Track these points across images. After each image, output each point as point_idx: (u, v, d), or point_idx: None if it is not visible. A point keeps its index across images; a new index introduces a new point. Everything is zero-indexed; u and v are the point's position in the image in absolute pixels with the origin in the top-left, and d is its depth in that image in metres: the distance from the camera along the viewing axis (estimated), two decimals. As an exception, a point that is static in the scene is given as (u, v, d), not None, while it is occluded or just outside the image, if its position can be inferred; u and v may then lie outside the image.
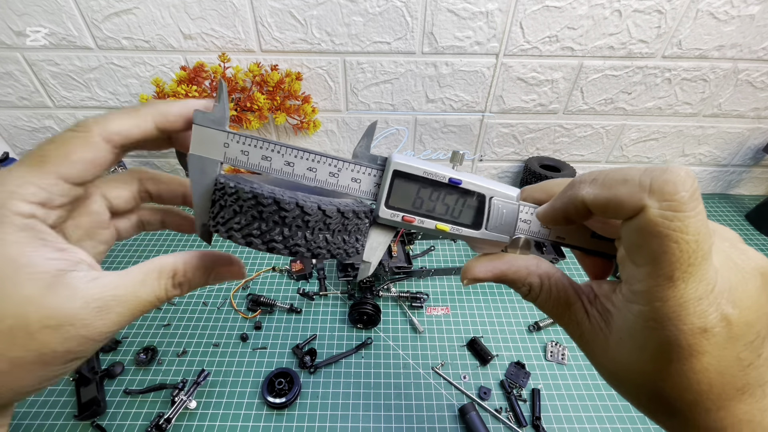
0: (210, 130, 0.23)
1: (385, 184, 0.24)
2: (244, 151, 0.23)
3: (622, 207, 0.18)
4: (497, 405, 0.56)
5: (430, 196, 0.25)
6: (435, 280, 0.74)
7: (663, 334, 0.17)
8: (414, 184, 0.24)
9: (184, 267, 0.22)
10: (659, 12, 0.68)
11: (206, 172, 0.23)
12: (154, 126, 0.22)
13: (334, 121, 0.84)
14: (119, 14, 0.69)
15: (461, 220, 0.25)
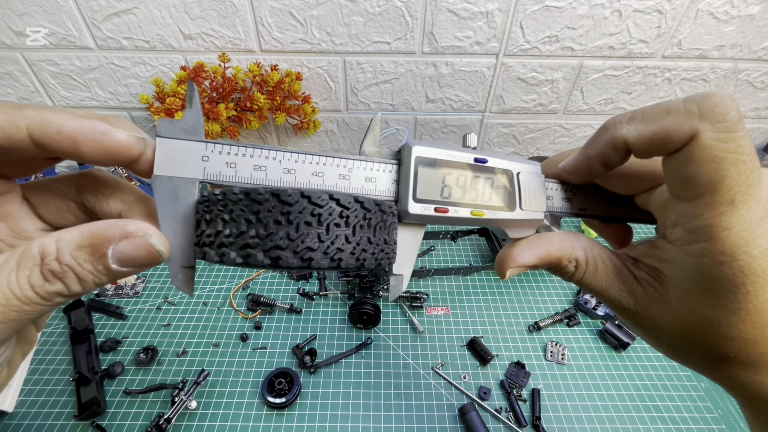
0: (182, 143, 0.18)
1: (408, 176, 0.21)
2: (230, 163, 0.18)
3: (670, 138, 0.17)
4: (497, 405, 0.56)
5: (457, 181, 0.22)
6: (435, 280, 0.74)
7: (735, 266, 0.17)
8: (438, 171, 0.22)
9: (56, 246, 0.15)
10: (659, 12, 0.68)
11: (180, 196, 0.18)
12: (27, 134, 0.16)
13: (334, 121, 0.84)
14: (119, 14, 0.69)
15: (493, 203, 0.23)
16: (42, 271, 0.15)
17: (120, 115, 0.83)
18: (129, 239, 0.16)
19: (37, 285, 0.15)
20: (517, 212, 0.23)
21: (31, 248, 0.15)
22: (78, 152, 0.16)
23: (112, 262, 0.16)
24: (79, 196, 0.20)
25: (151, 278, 0.73)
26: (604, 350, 0.64)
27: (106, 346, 0.61)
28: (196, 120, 0.18)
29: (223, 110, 0.68)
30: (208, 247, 0.17)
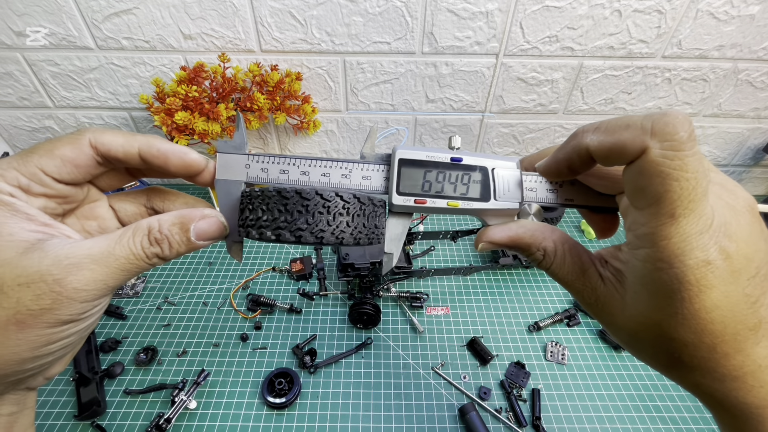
0: (232, 156, 0.26)
1: (393, 174, 0.26)
2: (263, 168, 0.26)
3: (625, 150, 0.18)
4: (497, 405, 0.56)
5: (436, 177, 0.26)
6: (435, 280, 0.74)
7: (671, 273, 0.18)
8: (420, 169, 0.26)
9: (158, 222, 0.22)
10: (659, 12, 0.68)
11: (231, 192, 0.26)
12: (138, 151, 0.24)
13: (334, 121, 0.84)
14: (119, 14, 0.69)
15: (470, 195, 0.26)
16: (149, 237, 0.22)
17: (120, 115, 0.83)
18: (205, 219, 0.23)
19: (146, 247, 0.21)
20: (491, 203, 0.26)
21: (141, 224, 0.22)
22: (167, 166, 0.24)
23: (192, 234, 0.23)
24: (149, 202, 0.28)
25: (151, 278, 0.73)
26: (604, 350, 0.64)
27: (106, 346, 0.61)
28: (241, 140, 0.26)
29: (223, 110, 0.68)
30: (252, 228, 0.24)
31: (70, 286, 0.19)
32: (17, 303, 0.18)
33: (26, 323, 0.18)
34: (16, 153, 0.22)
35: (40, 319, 0.18)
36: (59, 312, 0.19)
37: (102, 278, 0.20)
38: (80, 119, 0.83)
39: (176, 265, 0.76)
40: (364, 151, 0.27)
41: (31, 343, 0.19)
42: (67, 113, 0.82)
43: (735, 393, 0.19)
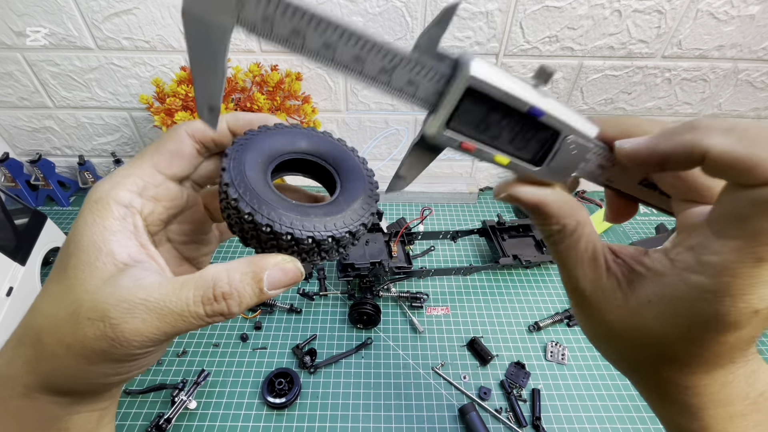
0: None
1: (450, 100, 0.19)
2: (266, 17, 0.16)
3: (755, 171, 0.15)
4: (497, 405, 0.56)
5: (499, 121, 0.20)
6: (435, 280, 0.74)
7: (713, 308, 0.17)
8: (484, 106, 0.19)
9: (227, 274, 0.19)
10: (659, 12, 0.68)
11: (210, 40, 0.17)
12: (227, 126, 0.24)
13: (334, 121, 0.84)
14: (119, 14, 0.69)
15: (522, 154, 0.21)
16: (214, 293, 0.19)
17: (120, 116, 0.83)
18: (278, 267, 0.20)
19: (207, 304, 0.19)
20: (540, 169, 0.21)
21: (205, 275, 0.19)
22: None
23: (265, 285, 0.20)
24: None
25: (151, 278, 0.73)
26: (604, 350, 0.64)
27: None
28: None
29: (223, 110, 0.68)
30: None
31: (121, 335, 0.18)
32: (84, 337, 0.18)
33: (90, 359, 0.18)
34: (127, 162, 0.22)
35: (100, 356, 0.18)
36: (115, 354, 0.18)
37: (153, 331, 0.18)
38: (80, 119, 0.83)
39: (176, 265, 0.76)
40: (423, 40, 0.18)
41: (97, 372, 0.19)
42: (67, 113, 0.83)
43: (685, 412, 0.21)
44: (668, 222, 0.88)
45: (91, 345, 0.18)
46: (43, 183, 0.86)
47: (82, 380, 0.19)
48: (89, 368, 0.19)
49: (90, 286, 0.18)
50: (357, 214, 0.22)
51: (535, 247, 0.78)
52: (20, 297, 0.60)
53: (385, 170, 0.93)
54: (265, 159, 0.22)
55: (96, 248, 0.19)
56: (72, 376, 0.19)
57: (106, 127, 0.85)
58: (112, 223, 0.19)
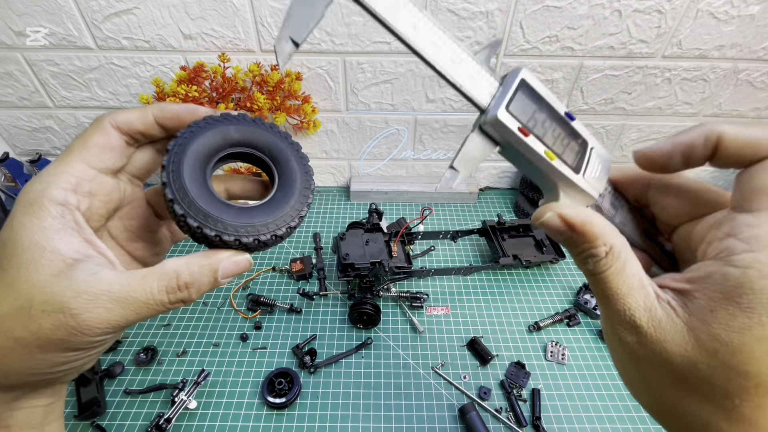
0: None
1: (510, 89, 0.22)
2: None
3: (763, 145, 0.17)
4: (497, 405, 0.56)
5: (544, 121, 0.23)
6: (435, 280, 0.74)
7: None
8: (533, 103, 0.22)
9: (187, 266, 0.21)
10: (659, 12, 0.68)
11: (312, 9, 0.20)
12: (153, 118, 0.24)
13: (334, 121, 0.84)
14: (119, 14, 0.69)
15: (565, 157, 0.23)
16: (178, 283, 0.21)
17: (120, 115, 0.83)
18: (230, 260, 0.22)
19: (171, 293, 0.21)
20: (580, 178, 0.23)
21: (167, 269, 0.21)
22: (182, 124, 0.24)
23: (220, 275, 0.22)
24: None
25: (151, 278, 0.73)
26: (604, 350, 0.64)
27: (106, 346, 0.61)
28: None
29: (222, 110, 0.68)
30: None
31: (84, 323, 0.19)
32: (39, 328, 0.19)
33: (45, 348, 0.19)
34: (56, 158, 0.22)
35: (57, 345, 0.19)
36: (74, 342, 0.19)
37: (117, 318, 0.20)
38: (80, 119, 0.83)
39: (176, 265, 0.76)
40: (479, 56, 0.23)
41: (51, 362, 0.20)
42: (67, 113, 0.82)
43: None
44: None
45: (47, 335, 0.19)
46: (43, 183, 0.86)
47: (27, 372, 0.20)
48: (41, 357, 0.19)
49: (38, 281, 0.19)
50: (295, 210, 0.24)
51: (535, 247, 0.78)
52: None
53: (385, 170, 0.93)
54: (202, 159, 0.23)
55: (39, 247, 0.19)
56: (18, 368, 0.19)
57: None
58: (51, 222, 0.20)
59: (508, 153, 0.23)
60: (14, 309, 0.19)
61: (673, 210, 0.23)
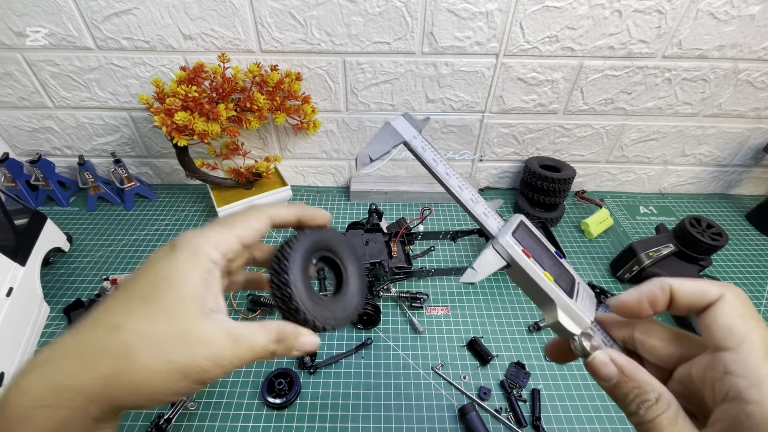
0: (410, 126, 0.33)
1: (512, 225, 0.29)
2: (423, 147, 0.33)
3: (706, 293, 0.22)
4: (497, 405, 0.56)
5: (540, 253, 0.28)
6: (435, 280, 0.74)
7: None
8: (531, 238, 0.29)
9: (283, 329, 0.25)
10: (659, 12, 0.68)
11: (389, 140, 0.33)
12: (296, 217, 0.30)
13: (334, 121, 0.84)
14: (119, 15, 0.69)
15: (559, 283, 0.27)
16: (279, 336, 0.25)
17: (120, 116, 0.83)
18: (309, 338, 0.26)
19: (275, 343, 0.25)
20: (573, 302, 0.27)
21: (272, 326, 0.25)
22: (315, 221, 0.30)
23: (297, 345, 0.26)
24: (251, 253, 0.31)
25: (151, 278, 0.73)
26: (604, 350, 0.64)
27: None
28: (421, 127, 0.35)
29: (223, 110, 0.68)
30: None
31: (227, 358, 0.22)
32: (192, 357, 0.21)
33: (188, 376, 0.21)
34: (216, 223, 0.26)
35: (198, 375, 0.22)
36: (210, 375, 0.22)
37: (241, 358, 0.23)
38: (80, 119, 0.83)
39: (176, 265, 0.76)
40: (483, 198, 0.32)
41: (185, 389, 0.22)
42: (67, 113, 0.83)
43: None
44: (668, 222, 0.88)
45: (198, 364, 0.21)
46: (43, 183, 0.86)
47: (156, 395, 0.21)
48: (181, 384, 0.21)
49: (194, 318, 0.22)
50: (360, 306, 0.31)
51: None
52: (20, 297, 0.60)
53: (385, 170, 0.93)
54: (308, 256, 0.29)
55: (193, 290, 0.23)
56: (154, 390, 0.21)
57: (105, 128, 0.85)
58: (204, 275, 0.23)
59: (513, 272, 0.28)
60: (172, 336, 0.21)
61: (659, 351, 0.25)
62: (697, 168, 0.94)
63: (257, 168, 0.81)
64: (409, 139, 0.33)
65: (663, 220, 0.90)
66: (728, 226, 0.89)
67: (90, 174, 0.85)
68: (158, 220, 0.86)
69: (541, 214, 0.85)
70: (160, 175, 0.95)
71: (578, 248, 0.82)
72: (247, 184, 0.85)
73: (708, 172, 0.95)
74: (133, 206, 0.89)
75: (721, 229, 0.69)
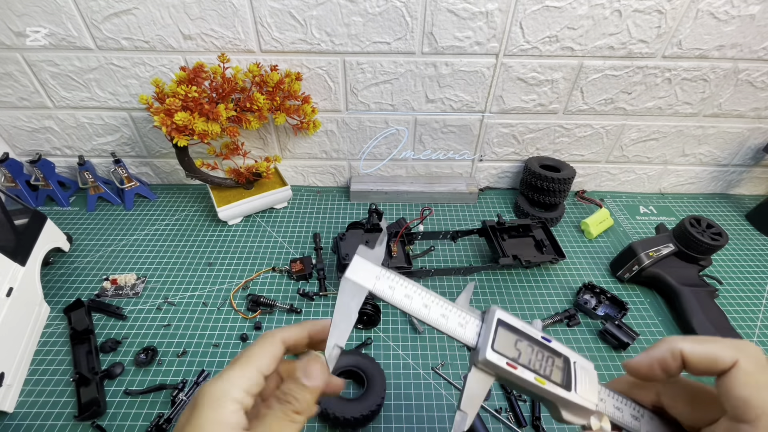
0: (367, 263, 0.28)
1: (490, 330, 0.27)
2: (391, 286, 0.28)
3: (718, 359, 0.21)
4: (497, 405, 0.56)
5: (526, 348, 0.27)
6: (435, 280, 0.74)
7: None
8: (513, 335, 0.27)
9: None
10: (659, 12, 0.68)
11: (355, 296, 0.28)
12: (308, 334, 0.31)
13: (333, 121, 0.84)
14: (119, 15, 0.69)
15: (554, 377, 0.26)
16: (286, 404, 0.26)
17: (120, 116, 0.83)
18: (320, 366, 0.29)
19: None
20: (572, 394, 0.26)
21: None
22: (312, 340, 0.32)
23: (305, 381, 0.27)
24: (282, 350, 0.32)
25: (151, 279, 0.73)
26: (604, 350, 0.64)
27: (106, 346, 0.61)
28: (380, 254, 0.29)
29: (223, 110, 0.68)
30: None
31: None
32: None
33: None
34: (235, 361, 0.27)
35: None
36: None
37: None
38: (80, 119, 0.83)
39: (176, 265, 0.76)
40: (459, 301, 0.29)
41: None
42: (67, 113, 0.83)
43: None
44: (668, 222, 0.88)
45: None
46: (43, 183, 0.86)
47: None
48: None
49: None
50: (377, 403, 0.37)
51: (535, 247, 0.78)
52: (20, 297, 0.60)
53: (385, 170, 0.93)
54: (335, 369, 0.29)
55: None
56: None
57: (105, 128, 0.85)
58: (228, 416, 0.24)
59: (505, 381, 0.26)
60: None
61: (688, 416, 0.25)
62: (697, 168, 0.94)
63: (257, 168, 0.81)
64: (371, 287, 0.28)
65: (663, 220, 0.90)
66: (728, 226, 0.89)
67: (90, 174, 0.85)
68: (158, 220, 0.86)
69: (541, 214, 0.86)
70: (160, 175, 0.95)
71: (578, 248, 0.82)
72: (247, 184, 0.85)
73: (708, 172, 0.95)
74: (133, 206, 0.89)
75: (721, 229, 0.69)
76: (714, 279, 0.74)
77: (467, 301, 0.29)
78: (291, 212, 0.89)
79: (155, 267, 0.75)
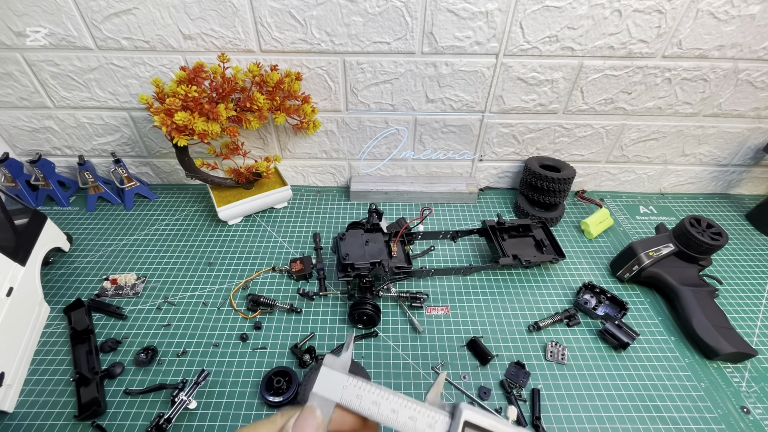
0: (334, 373, 0.28)
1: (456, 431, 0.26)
2: (358, 395, 0.27)
3: None
4: (497, 405, 0.56)
5: None
6: (435, 280, 0.74)
7: None
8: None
9: None
10: (659, 12, 0.68)
11: (325, 407, 0.27)
12: None
13: (333, 121, 0.84)
14: (119, 14, 0.69)
15: None
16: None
17: (120, 116, 0.83)
18: None
19: None
20: None
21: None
22: None
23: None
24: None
25: (151, 279, 0.73)
26: (604, 350, 0.64)
27: (106, 346, 0.61)
28: (347, 360, 0.28)
29: (223, 110, 0.68)
30: None
31: None
32: None
33: None
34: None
35: None
36: None
37: None
38: (80, 119, 0.83)
39: (176, 265, 0.76)
40: (429, 397, 0.28)
41: None
42: (67, 113, 0.83)
43: None
44: (668, 222, 0.88)
45: None
46: (43, 183, 0.86)
47: None
48: None
49: None
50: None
51: (535, 247, 0.78)
52: (20, 297, 0.60)
53: (385, 170, 0.93)
54: None
55: None
56: None
57: (105, 127, 0.85)
58: None
59: None
60: None
61: None
62: (697, 168, 0.94)
63: (257, 168, 0.81)
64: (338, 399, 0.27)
65: (663, 220, 0.90)
66: (728, 226, 0.89)
67: (90, 174, 0.85)
68: (158, 220, 0.86)
69: (541, 213, 0.86)
70: (160, 175, 0.95)
71: (578, 248, 0.82)
72: (247, 184, 0.85)
73: (708, 172, 0.95)
74: (133, 206, 0.89)
75: (721, 229, 0.69)
76: (714, 279, 0.74)
77: (438, 396, 0.28)
78: (291, 212, 0.89)
79: (155, 267, 0.75)
